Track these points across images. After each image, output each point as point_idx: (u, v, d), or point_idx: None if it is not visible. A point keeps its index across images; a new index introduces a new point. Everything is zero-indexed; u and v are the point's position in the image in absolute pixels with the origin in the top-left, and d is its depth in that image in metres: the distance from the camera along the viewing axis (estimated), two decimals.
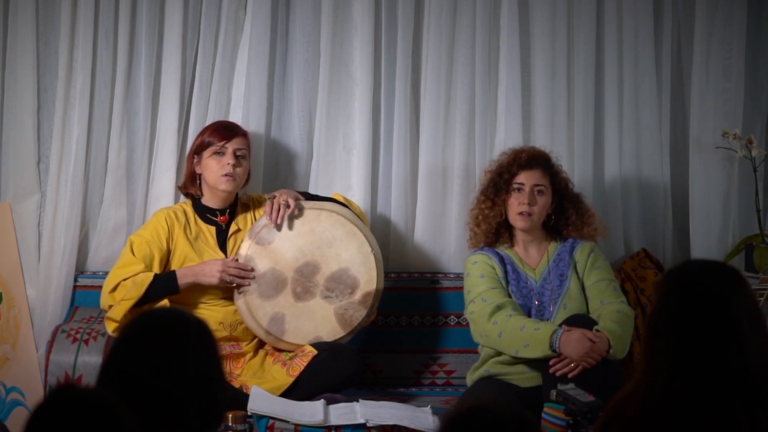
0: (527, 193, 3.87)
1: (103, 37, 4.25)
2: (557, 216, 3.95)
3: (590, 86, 4.44)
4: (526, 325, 3.71)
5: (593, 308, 3.83)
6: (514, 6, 4.37)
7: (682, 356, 2.27)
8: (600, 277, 3.88)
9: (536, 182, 3.89)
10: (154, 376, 2.12)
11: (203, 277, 3.85)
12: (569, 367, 3.60)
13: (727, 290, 2.30)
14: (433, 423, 3.62)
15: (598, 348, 3.61)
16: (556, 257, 3.93)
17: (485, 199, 3.94)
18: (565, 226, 3.95)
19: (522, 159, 3.92)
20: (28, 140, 4.27)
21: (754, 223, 4.42)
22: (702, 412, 2.24)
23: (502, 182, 3.91)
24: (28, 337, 4.12)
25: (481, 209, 3.95)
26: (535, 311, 3.85)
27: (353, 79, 4.38)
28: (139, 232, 3.98)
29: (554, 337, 3.63)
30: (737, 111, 4.46)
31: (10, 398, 4.01)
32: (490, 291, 3.83)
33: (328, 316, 3.95)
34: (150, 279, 3.80)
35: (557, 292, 3.87)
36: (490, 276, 3.87)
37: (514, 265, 3.92)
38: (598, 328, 3.66)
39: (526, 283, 3.90)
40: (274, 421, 3.59)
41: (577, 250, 3.93)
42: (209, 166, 3.97)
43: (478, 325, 3.82)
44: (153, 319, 2.25)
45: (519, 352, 3.70)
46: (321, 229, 3.96)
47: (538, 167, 3.91)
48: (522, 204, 3.87)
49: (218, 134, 3.99)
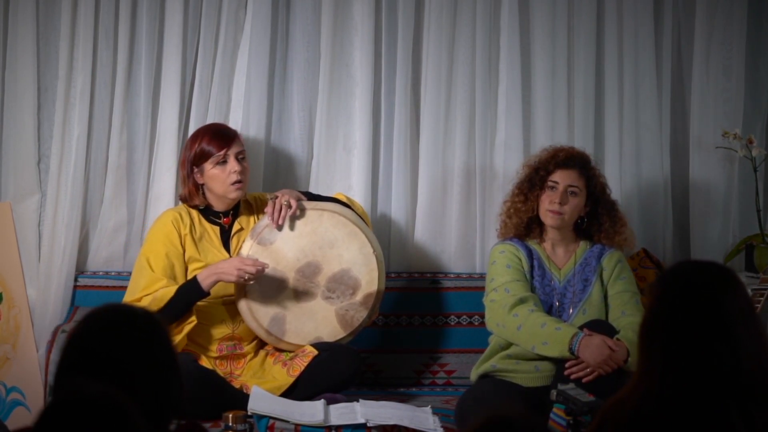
0: (560, 192, 3.85)
1: (103, 37, 4.25)
2: (590, 220, 3.93)
3: (590, 86, 4.44)
4: (547, 323, 3.70)
5: (613, 317, 3.81)
6: (515, 6, 4.37)
7: (676, 357, 2.27)
8: (624, 288, 3.87)
9: (571, 183, 3.86)
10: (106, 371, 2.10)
11: (223, 275, 3.81)
12: (585, 371, 3.59)
13: (721, 291, 2.30)
14: (433, 423, 3.62)
15: (616, 356, 3.60)
16: (583, 261, 3.91)
17: (519, 193, 3.92)
18: (597, 231, 3.92)
19: (560, 157, 3.89)
20: (28, 140, 4.27)
21: (754, 222, 4.43)
22: (697, 414, 2.24)
23: (538, 178, 3.89)
24: (29, 337, 4.11)
25: (513, 202, 3.93)
26: (554, 311, 3.84)
27: (353, 79, 4.38)
28: (152, 247, 3.91)
29: (575, 339, 3.62)
30: (737, 111, 4.47)
31: (11, 398, 4.01)
32: (515, 283, 3.81)
33: (329, 317, 3.95)
34: (172, 294, 3.78)
35: (579, 295, 3.86)
36: (516, 267, 3.86)
37: (540, 261, 3.90)
38: (618, 337, 3.66)
39: (550, 281, 3.88)
40: (274, 421, 3.59)
41: (605, 258, 3.91)
42: (215, 176, 3.94)
43: (496, 314, 3.80)
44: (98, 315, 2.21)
45: (536, 348, 3.69)
46: (323, 230, 3.96)
47: (575, 168, 3.88)
48: (553, 203, 3.85)
49: (216, 142, 3.95)
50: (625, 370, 3.59)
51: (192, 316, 3.82)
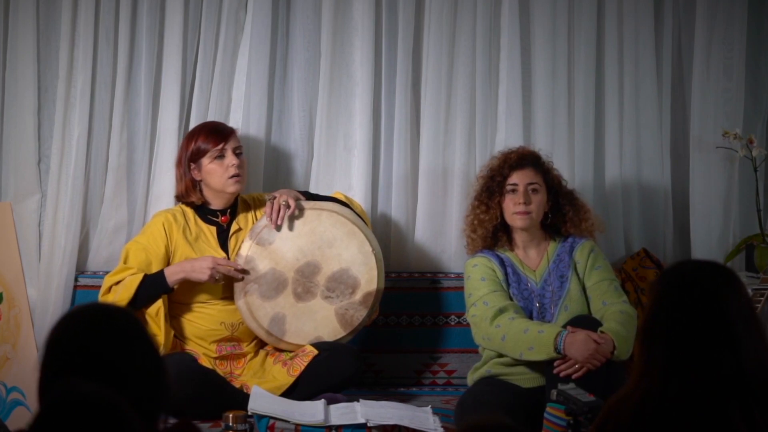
0: (522, 192, 3.86)
1: (103, 36, 4.25)
2: (554, 214, 3.94)
3: (591, 86, 4.44)
4: (529, 328, 3.70)
5: (595, 309, 3.82)
6: (515, 6, 4.37)
7: (677, 357, 2.27)
8: (601, 277, 3.87)
9: (529, 181, 3.88)
10: (92, 371, 2.09)
11: (193, 273, 3.83)
12: (574, 368, 3.60)
13: (722, 291, 2.30)
14: (433, 423, 3.62)
15: (602, 349, 3.60)
16: (556, 258, 3.92)
17: (479, 204, 3.93)
18: (563, 223, 3.95)
19: (512, 159, 3.91)
20: (28, 140, 4.27)
21: (754, 222, 4.42)
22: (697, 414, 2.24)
23: (495, 185, 3.90)
24: (29, 336, 4.12)
25: (476, 214, 3.93)
26: (536, 313, 3.84)
27: (354, 78, 4.38)
28: (136, 239, 3.97)
29: (559, 339, 3.62)
30: (738, 111, 4.47)
31: (11, 398, 4.01)
32: (492, 294, 3.82)
33: (329, 317, 3.95)
34: (139, 280, 3.80)
35: (558, 293, 3.87)
36: (490, 279, 3.86)
37: (514, 267, 3.91)
38: (602, 330, 3.66)
39: (527, 285, 3.89)
40: (274, 421, 3.59)
41: (576, 251, 3.92)
42: (212, 171, 3.95)
43: (480, 328, 3.81)
44: (78, 315, 2.19)
45: (524, 355, 3.69)
46: (321, 229, 3.96)
47: (529, 166, 3.90)
48: (518, 204, 3.86)
49: (212, 138, 3.97)
50: (613, 361, 3.60)
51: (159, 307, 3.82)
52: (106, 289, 3.85)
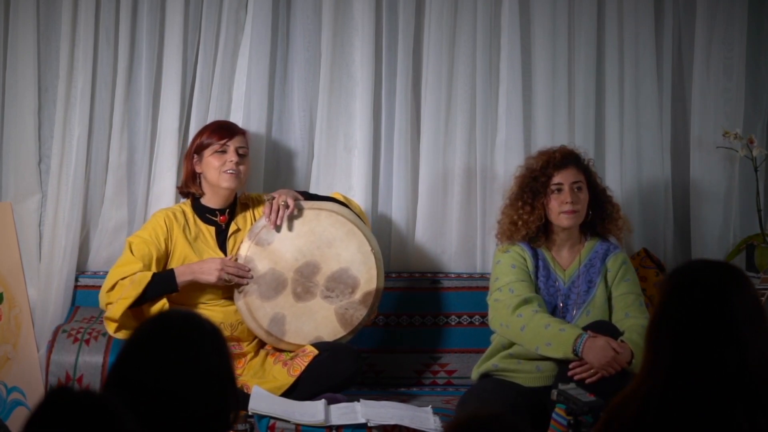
0: (567, 191, 3.85)
1: (104, 37, 4.25)
2: (594, 211, 3.92)
3: (591, 86, 4.45)
4: (551, 324, 3.69)
5: (617, 319, 3.80)
6: (515, 6, 4.37)
7: (682, 356, 2.27)
8: (628, 289, 3.85)
9: (574, 179, 3.86)
10: (164, 380, 2.11)
11: (201, 275, 3.85)
12: (589, 372, 3.59)
13: (729, 290, 2.29)
14: (434, 423, 3.62)
15: (620, 358, 3.59)
16: (588, 262, 3.90)
17: (523, 204, 3.87)
18: (600, 220, 3.92)
19: (556, 159, 3.88)
20: (28, 140, 4.27)
21: (754, 222, 4.43)
22: (702, 414, 2.23)
23: (539, 185, 3.86)
24: (29, 336, 4.11)
25: (519, 215, 3.87)
26: (558, 312, 3.83)
27: (354, 79, 4.38)
28: (138, 233, 3.97)
29: (579, 341, 3.61)
30: (738, 110, 4.47)
31: (11, 398, 4.01)
32: (519, 283, 3.80)
33: (329, 316, 3.95)
34: (148, 278, 3.80)
35: (583, 297, 3.85)
36: (521, 267, 3.84)
37: (545, 262, 3.89)
38: (623, 339, 3.65)
39: (555, 282, 3.87)
40: (275, 421, 3.59)
41: (610, 259, 3.89)
42: (211, 163, 3.97)
43: (500, 314, 3.79)
44: (166, 321, 2.22)
45: (540, 349, 3.68)
46: (321, 229, 3.96)
47: (572, 165, 3.88)
48: (565, 203, 3.83)
49: (218, 134, 3.99)
50: (628, 372, 3.59)
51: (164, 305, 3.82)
52: (111, 285, 3.84)
